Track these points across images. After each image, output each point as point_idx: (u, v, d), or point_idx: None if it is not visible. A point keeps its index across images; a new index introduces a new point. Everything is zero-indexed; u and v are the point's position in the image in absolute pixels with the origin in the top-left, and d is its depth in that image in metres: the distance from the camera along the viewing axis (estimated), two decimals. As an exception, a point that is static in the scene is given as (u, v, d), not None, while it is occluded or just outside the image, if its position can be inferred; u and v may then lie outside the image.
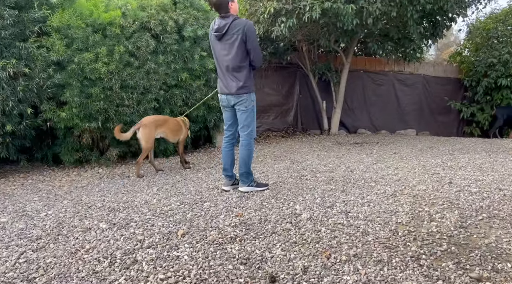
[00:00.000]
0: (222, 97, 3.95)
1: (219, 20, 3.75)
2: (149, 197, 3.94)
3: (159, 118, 5.21)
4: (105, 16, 5.50)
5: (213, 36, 3.80)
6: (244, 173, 4.03)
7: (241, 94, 3.81)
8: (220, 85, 3.94)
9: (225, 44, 3.74)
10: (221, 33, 3.71)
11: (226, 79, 3.83)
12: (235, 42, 3.68)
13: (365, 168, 5.18)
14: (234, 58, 3.73)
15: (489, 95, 9.64)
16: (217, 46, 3.82)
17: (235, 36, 3.67)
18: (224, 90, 3.88)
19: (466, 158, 5.69)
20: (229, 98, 3.89)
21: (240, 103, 3.85)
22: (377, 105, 10.30)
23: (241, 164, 4.03)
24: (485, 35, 9.76)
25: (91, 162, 5.75)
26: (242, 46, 3.70)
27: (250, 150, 4.02)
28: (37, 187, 4.52)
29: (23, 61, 4.83)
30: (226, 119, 4.11)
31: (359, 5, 6.57)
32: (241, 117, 3.93)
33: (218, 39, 3.77)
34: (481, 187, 4.07)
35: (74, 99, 5.13)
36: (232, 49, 3.71)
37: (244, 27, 3.66)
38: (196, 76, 6.47)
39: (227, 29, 3.68)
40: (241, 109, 3.88)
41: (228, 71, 3.79)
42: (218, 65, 3.90)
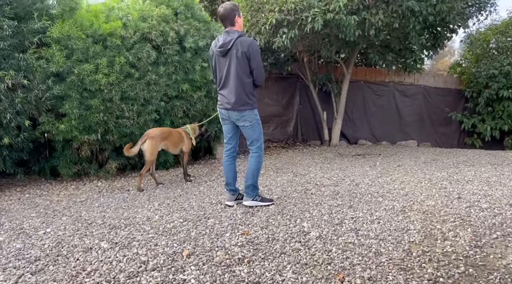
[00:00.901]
0: (223, 111, 3.89)
1: (224, 36, 3.70)
2: (151, 213, 3.82)
3: (165, 131, 5.15)
4: (105, 27, 5.42)
5: (217, 51, 3.75)
6: (250, 185, 3.93)
7: (243, 111, 3.77)
8: (221, 100, 3.88)
9: (229, 60, 3.69)
10: (225, 49, 3.66)
11: (228, 94, 3.77)
12: (240, 59, 3.63)
13: (370, 182, 5.09)
14: (238, 75, 3.68)
15: (490, 106, 9.61)
16: (220, 62, 3.77)
17: (240, 53, 3.61)
18: (226, 106, 3.81)
19: (472, 171, 5.61)
20: (230, 113, 3.83)
21: (243, 119, 3.79)
22: (378, 116, 10.25)
23: (248, 176, 3.93)
24: (485, 46, 9.76)
25: (89, 175, 5.62)
26: (246, 63, 3.66)
27: (260, 163, 3.94)
28: (35, 202, 4.39)
29: (21, 73, 4.73)
30: (226, 132, 4.03)
31: (362, 16, 6.54)
32: (248, 133, 3.87)
33: (222, 55, 3.72)
34: (491, 203, 3.98)
35: (74, 111, 5.02)
36: (236, 65, 3.66)
37: (249, 45, 3.62)
38: (197, 87, 6.38)
39: (231, 45, 3.63)
40: (246, 125, 3.82)
41: (231, 87, 3.73)
42: (220, 81, 3.84)
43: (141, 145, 4.87)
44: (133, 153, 4.90)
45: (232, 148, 4.06)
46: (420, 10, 6.68)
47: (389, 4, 6.64)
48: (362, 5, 6.52)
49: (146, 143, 4.87)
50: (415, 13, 6.74)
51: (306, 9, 6.35)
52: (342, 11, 6.21)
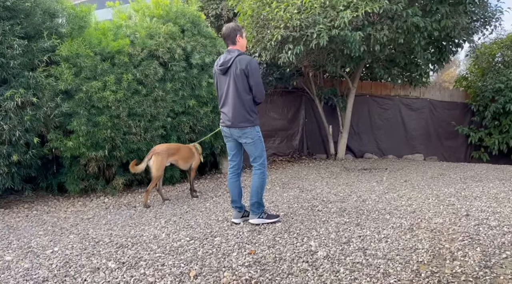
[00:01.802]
0: (224, 129, 3.94)
1: (225, 55, 3.82)
2: (158, 231, 3.82)
3: (172, 147, 5.19)
4: (113, 45, 5.51)
5: (218, 70, 3.84)
6: (255, 203, 3.93)
7: (244, 128, 3.80)
8: (222, 118, 3.93)
9: (229, 78, 3.77)
10: (225, 67, 3.75)
11: (229, 112, 3.82)
12: (239, 76, 3.71)
13: (377, 198, 5.06)
14: (237, 92, 3.74)
15: (497, 120, 9.57)
16: (221, 80, 3.86)
17: (239, 70, 3.69)
18: (227, 123, 3.86)
19: (480, 187, 5.56)
20: (232, 130, 3.87)
21: (244, 136, 3.83)
22: (384, 130, 10.24)
23: (252, 194, 3.94)
24: (491, 60, 9.77)
25: (96, 191, 5.64)
26: (245, 80, 3.72)
27: (263, 179, 3.95)
28: (42, 219, 4.41)
29: (31, 91, 4.81)
30: (229, 149, 4.06)
31: (367, 32, 6.58)
32: (250, 149, 3.89)
33: (223, 73, 3.81)
34: (500, 221, 3.94)
35: (81, 127, 5.07)
36: (235, 83, 3.73)
37: (248, 63, 3.70)
38: (204, 102, 6.43)
39: (231, 63, 3.72)
40: (248, 142, 3.85)
41: (231, 104, 3.78)
42: (221, 98, 3.92)
43: (147, 161, 4.91)
44: (140, 170, 4.94)
45: (236, 165, 4.08)
46: (425, 26, 6.71)
47: (394, 20, 6.69)
48: (367, 21, 6.57)
49: (152, 159, 4.90)
50: (420, 29, 6.77)
51: (311, 25, 6.41)
52: (347, 27, 6.26)
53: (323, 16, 6.38)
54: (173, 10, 6.43)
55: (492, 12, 7.61)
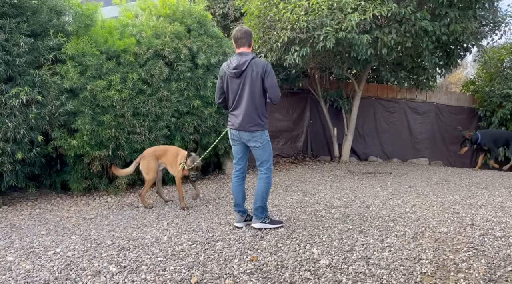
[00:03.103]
0: (233, 131, 3.90)
1: (238, 58, 3.76)
2: (160, 234, 3.80)
3: (158, 149, 5.04)
4: (119, 44, 5.50)
5: (231, 73, 3.77)
6: (259, 207, 3.91)
7: (255, 131, 3.79)
8: (232, 120, 3.89)
9: (243, 81, 3.73)
10: (240, 70, 3.71)
11: (240, 115, 3.78)
12: (254, 79, 3.70)
13: (381, 204, 5.02)
14: (252, 95, 3.73)
15: (504, 126, 9.47)
16: (234, 83, 3.80)
17: (255, 73, 3.68)
18: (237, 126, 3.83)
19: (485, 195, 5.50)
20: (241, 133, 3.84)
21: (254, 140, 3.81)
22: (389, 133, 10.16)
23: (257, 198, 3.91)
24: (499, 65, 9.67)
25: (99, 190, 5.64)
26: (260, 83, 3.72)
27: (269, 184, 3.94)
28: (45, 218, 4.41)
29: (36, 89, 4.80)
30: (235, 152, 4.04)
31: (374, 35, 6.53)
32: (258, 153, 3.88)
33: (236, 76, 3.75)
34: (506, 231, 3.89)
35: (86, 126, 5.07)
36: (251, 86, 3.71)
37: (264, 65, 3.71)
38: (208, 103, 6.41)
39: (246, 66, 3.69)
40: (256, 146, 3.83)
41: (244, 107, 3.76)
42: (232, 101, 3.86)
43: (135, 165, 4.90)
44: (125, 173, 5.01)
45: (241, 169, 4.06)
46: (433, 30, 6.64)
47: (402, 24, 6.63)
48: (374, 24, 6.52)
49: (140, 163, 4.89)
50: (428, 33, 6.71)
51: (318, 27, 6.37)
52: (354, 30, 6.21)
53: (331, 18, 6.34)
54: (179, 10, 6.41)
55: (502, 17, 7.52)
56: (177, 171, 4.81)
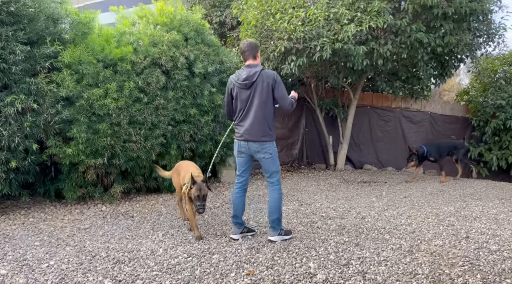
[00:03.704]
0: (242, 143, 3.90)
1: (247, 69, 3.82)
2: (155, 246, 3.78)
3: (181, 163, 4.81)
4: (116, 52, 5.48)
5: (241, 84, 3.81)
6: (277, 219, 3.94)
7: (265, 142, 3.83)
8: (240, 132, 3.89)
9: (252, 92, 3.79)
10: (251, 81, 3.77)
11: (250, 126, 3.81)
12: (265, 90, 3.78)
13: (376, 215, 5.03)
14: (262, 106, 3.79)
15: (497, 136, 9.55)
16: (243, 94, 3.84)
17: (265, 84, 3.76)
18: (247, 137, 3.85)
19: (479, 206, 5.54)
20: (251, 145, 3.86)
21: (263, 151, 3.85)
22: (384, 141, 10.20)
23: (273, 210, 3.92)
24: (493, 75, 9.77)
25: (94, 199, 5.59)
26: (270, 94, 3.80)
27: (281, 194, 3.99)
28: (39, 228, 4.36)
29: (32, 97, 4.77)
30: (240, 165, 4.04)
31: (370, 46, 6.58)
32: (268, 165, 3.91)
33: (246, 88, 3.80)
34: (500, 244, 3.92)
35: (81, 135, 5.04)
36: (262, 96, 3.78)
37: (274, 76, 3.82)
38: (205, 111, 6.40)
39: (257, 77, 3.75)
40: (266, 157, 3.87)
41: (254, 118, 3.80)
42: (240, 112, 3.88)
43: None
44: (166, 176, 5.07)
45: (244, 181, 4.09)
46: (428, 42, 6.72)
47: (397, 35, 6.69)
48: (370, 36, 6.57)
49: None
50: (423, 44, 6.78)
51: (315, 38, 6.40)
52: (350, 41, 6.26)
53: (327, 29, 6.38)
54: (177, 18, 6.41)
55: (495, 28, 7.61)
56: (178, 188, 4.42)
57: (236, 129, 3.96)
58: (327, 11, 6.32)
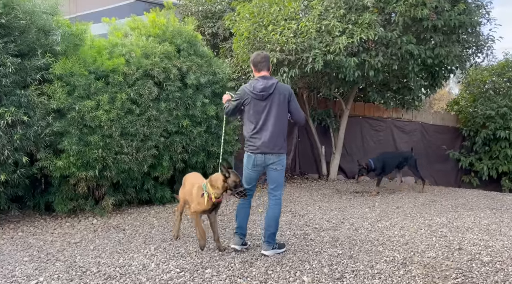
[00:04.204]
0: (259, 156, 3.85)
1: (263, 81, 3.82)
2: (147, 260, 3.73)
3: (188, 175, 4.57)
4: (108, 64, 5.46)
5: (257, 95, 3.80)
6: (272, 234, 3.91)
7: (281, 154, 3.87)
8: (257, 145, 3.84)
9: (269, 104, 3.80)
10: (268, 93, 3.78)
11: (268, 138, 3.81)
12: (281, 103, 3.82)
13: (369, 226, 5.03)
14: (279, 118, 3.83)
15: (487, 146, 9.67)
16: (258, 105, 3.83)
17: (282, 97, 3.81)
18: (264, 149, 3.82)
19: (471, 217, 5.57)
20: (268, 157, 3.84)
21: (278, 162, 3.86)
22: (376, 151, 10.24)
23: (271, 224, 3.89)
24: (482, 86, 9.92)
25: (85, 211, 5.52)
26: (286, 106, 3.87)
27: (280, 208, 4.01)
28: (28, 243, 4.28)
29: (22, 109, 4.71)
30: (251, 179, 3.99)
31: (361, 58, 6.64)
32: (277, 176, 3.92)
33: (262, 99, 3.80)
34: (493, 256, 3.93)
35: (72, 147, 4.98)
36: (279, 109, 3.82)
37: (289, 89, 3.92)
38: (197, 122, 6.39)
39: (274, 89, 3.78)
40: (279, 168, 3.88)
41: (272, 130, 3.80)
42: (257, 124, 3.85)
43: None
44: None
45: (251, 192, 4.08)
46: (419, 53, 6.80)
47: (388, 47, 6.77)
48: (362, 47, 6.63)
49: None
50: (414, 56, 6.86)
51: (307, 49, 6.45)
52: (342, 53, 6.31)
53: (319, 41, 6.44)
54: (169, 30, 6.42)
55: (484, 40, 7.73)
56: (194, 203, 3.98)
57: (251, 141, 3.89)
58: (318, 23, 6.39)
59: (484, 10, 7.39)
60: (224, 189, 3.77)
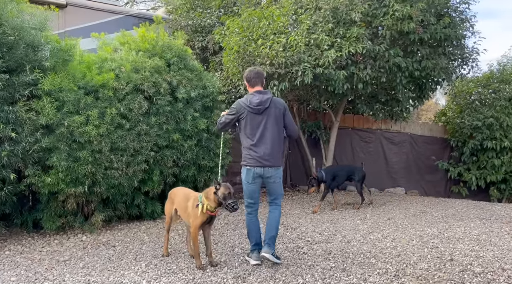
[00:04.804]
0: (258, 169, 3.90)
1: (259, 95, 3.90)
2: (138, 277, 3.67)
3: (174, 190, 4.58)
4: (98, 79, 5.44)
5: (254, 109, 3.86)
6: (273, 237, 3.99)
7: (279, 166, 3.97)
8: (255, 157, 3.89)
9: (266, 118, 3.88)
10: (264, 107, 3.86)
11: (267, 151, 3.88)
12: (277, 117, 3.93)
13: (362, 238, 5.03)
14: (278, 131, 3.95)
15: (475, 156, 9.80)
16: (255, 119, 3.90)
17: (277, 110, 3.92)
18: (264, 163, 3.89)
19: (461, 227, 5.61)
20: (268, 170, 3.90)
21: (277, 175, 3.95)
22: (366, 163, 10.28)
23: (273, 228, 3.99)
24: (468, 97, 10.10)
25: (74, 228, 5.43)
26: (282, 120, 3.99)
27: (280, 212, 4.15)
28: (15, 261, 4.19)
29: (10, 125, 4.66)
30: (253, 192, 4.01)
31: (350, 71, 6.72)
32: (277, 188, 4.02)
33: (258, 113, 3.86)
34: (484, 266, 3.96)
35: (61, 163, 4.92)
36: (276, 123, 3.92)
37: (283, 104, 4.04)
38: (188, 136, 6.37)
39: (269, 103, 3.86)
40: (277, 181, 3.97)
41: (269, 143, 3.87)
42: (253, 137, 3.89)
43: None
44: None
45: (257, 207, 4.12)
46: (406, 66, 6.91)
47: (376, 60, 6.87)
48: (350, 61, 6.72)
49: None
50: (401, 69, 6.97)
51: (297, 63, 6.51)
52: (331, 66, 6.38)
53: (308, 54, 6.50)
54: (159, 44, 6.44)
55: (469, 53, 7.90)
56: (192, 218, 3.92)
57: (249, 155, 3.92)
58: (307, 37, 6.46)
59: (468, 23, 7.56)
60: (216, 201, 3.76)
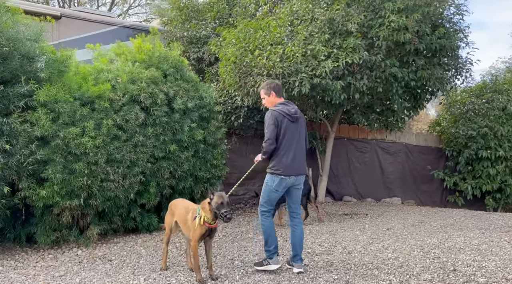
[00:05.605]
0: (292, 178, 3.96)
1: (290, 105, 4.06)
2: (137, 292, 3.57)
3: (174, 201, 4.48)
4: (94, 90, 5.38)
5: (293, 117, 4.00)
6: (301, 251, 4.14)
7: (305, 174, 4.13)
8: (290, 166, 3.94)
9: (299, 127, 4.05)
10: (296, 116, 4.01)
11: (299, 160, 4.01)
12: (304, 126, 4.14)
13: (362, 250, 4.97)
14: (304, 141, 4.12)
15: (470, 166, 9.85)
16: (291, 127, 3.99)
17: (303, 120, 4.14)
18: (298, 171, 4.01)
19: (461, 237, 5.58)
20: (300, 178, 4.05)
21: (303, 182, 4.10)
22: (362, 173, 10.33)
23: (301, 243, 4.10)
24: (462, 107, 10.19)
25: (69, 242, 5.31)
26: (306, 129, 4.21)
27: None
28: (9, 278, 4.06)
29: (4, 137, 4.57)
30: (275, 199, 4.11)
31: (347, 81, 6.74)
32: (299, 195, 4.15)
33: (294, 121, 3.99)
34: (488, 277, 3.92)
35: (57, 175, 4.83)
36: (303, 132, 4.12)
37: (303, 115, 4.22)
38: (185, 147, 6.30)
39: (299, 113, 4.06)
40: (301, 187, 4.10)
41: (301, 152, 4.04)
42: (287, 145, 3.96)
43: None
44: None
45: (272, 210, 4.20)
46: (402, 76, 6.96)
47: (373, 70, 6.90)
48: (347, 71, 6.74)
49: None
50: (397, 79, 7.01)
51: (294, 73, 6.52)
52: (328, 76, 6.40)
53: (305, 65, 6.52)
54: (155, 55, 6.41)
55: (462, 63, 7.97)
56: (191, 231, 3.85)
57: (284, 164, 3.91)
58: (304, 47, 6.48)
59: (462, 34, 7.65)
60: (211, 212, 3.70)
